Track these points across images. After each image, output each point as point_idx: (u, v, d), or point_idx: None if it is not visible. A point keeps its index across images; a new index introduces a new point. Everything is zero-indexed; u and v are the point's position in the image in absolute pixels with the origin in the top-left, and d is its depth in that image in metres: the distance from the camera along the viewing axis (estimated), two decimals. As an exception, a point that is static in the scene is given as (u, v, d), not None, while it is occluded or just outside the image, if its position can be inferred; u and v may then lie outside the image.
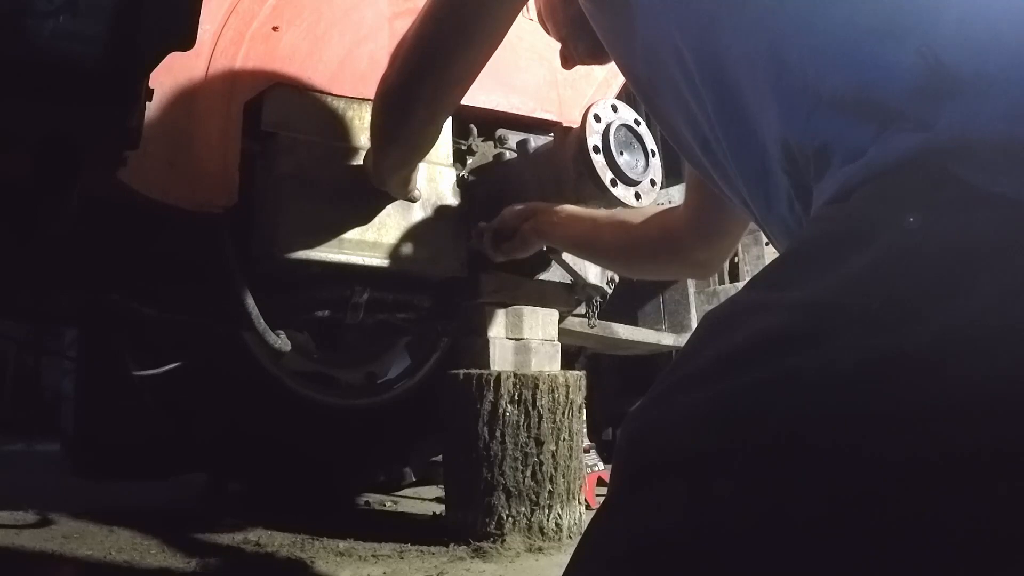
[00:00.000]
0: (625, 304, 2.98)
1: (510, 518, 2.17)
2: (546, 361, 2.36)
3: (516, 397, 2.19)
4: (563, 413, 2.23)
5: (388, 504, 3.15)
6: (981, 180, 0.62)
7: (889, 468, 0.59)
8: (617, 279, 2.58)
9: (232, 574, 2.00)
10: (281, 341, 2.10)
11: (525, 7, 1.34)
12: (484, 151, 2.33)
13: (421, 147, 1.77)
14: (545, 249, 2.25)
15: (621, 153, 1.99)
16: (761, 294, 0.73)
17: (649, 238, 1.60)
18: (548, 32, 1.43)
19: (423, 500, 3.21)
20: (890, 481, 0.59)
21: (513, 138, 2.32)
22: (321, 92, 2.05)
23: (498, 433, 2.18)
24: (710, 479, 0.63)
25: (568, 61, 1.42)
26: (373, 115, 1.69)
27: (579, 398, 2.30)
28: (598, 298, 2.57)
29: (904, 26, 0.69)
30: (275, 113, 1.98)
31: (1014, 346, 0.58)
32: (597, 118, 2.02)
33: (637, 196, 2.37)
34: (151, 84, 1.41)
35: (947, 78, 0.66)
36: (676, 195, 2.37)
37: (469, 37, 1.36)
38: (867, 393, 0.60)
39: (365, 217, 2.03)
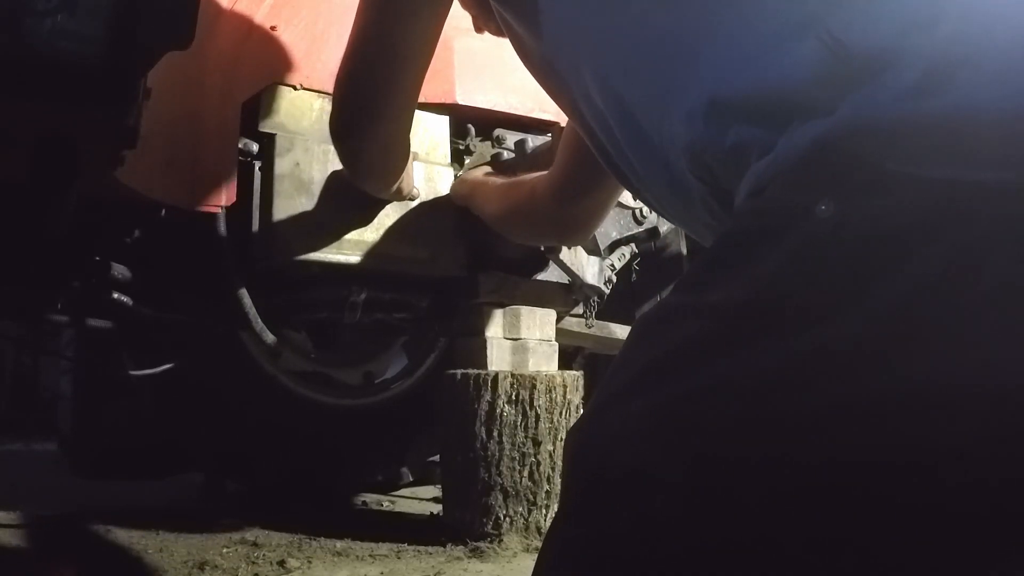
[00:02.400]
0: (623, 304, 2.98)
1: (507, 518, 2.17)
2: (544, 361, 2.36)
3: (513, 397, 2.19)
4: (560, 413, 2.23)
5: (385, 504, 3.15)
6: (889, 161, 0.60)
7: (817, 474, 0.58)
8: (615, 279, 2.58)
9: (229, 574, 2.00)
10: (278, 341, 2.10)
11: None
12: (482, 151, 2.33)
13: (390, 173, 1.78)
14: (542, 249, 2.26)
15: (619, 153, 1.99)
16: (685, 297, 0.72)
17: (522, 196, 1.63)
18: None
19: (420, 500, 3.21)
20: (821, 487, 0.58)
21: (511, 138, 2.32)
22: (319, 92, 2.05)
23: (495, 433, 2.18)
24: (651, 497, 0.63)
25: (480, 30, 1.42)
26: (336, 151, 1.70)
27: (576, 398, 2.30)
28: (595, 298, 2.57)
29: (804, 19, 0.68)
30: (272, 113, 1.98)
31: (932, 338, 0.57)
32: (595, 118, 2.02)
33: (635, 196, 2.36)
34: (149, 83, 1.41)
35: (850, 60, 0.64)
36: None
37: (399, 67, 1.36)
38: (788, 398, 0.60)
39: (363, 218, 2.03)
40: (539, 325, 2.37)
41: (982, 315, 0.57)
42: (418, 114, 2.12)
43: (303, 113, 2.03)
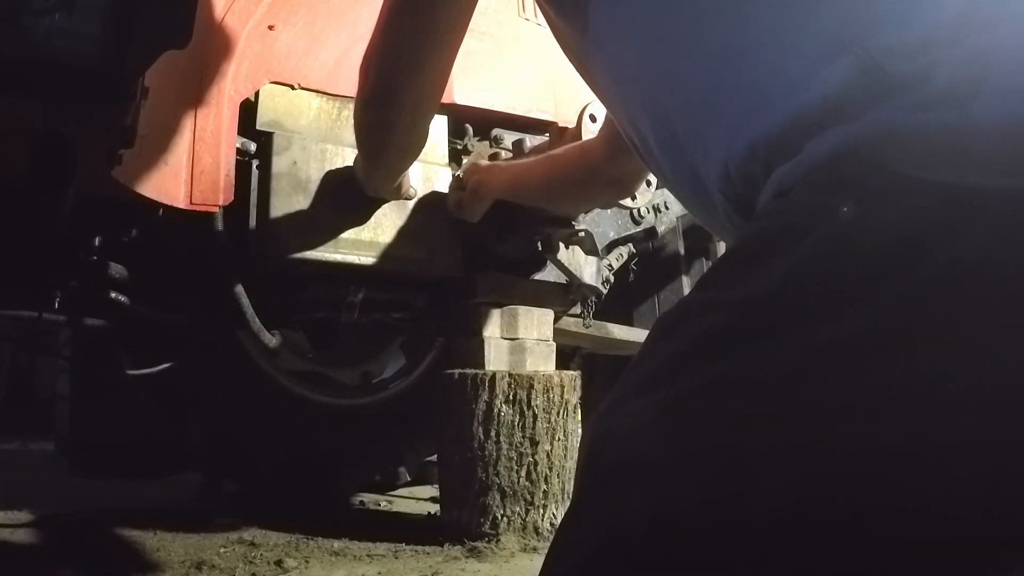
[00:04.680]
0: (620, 304, 2.98)
1: (505, 518, 2.17)
2: (541, 361, 2.36)
3: (511, 397, 2.18)
4: (558, 413, 2.23)
5: (383, 504, 3.15)
6: (911, 166, 0.62)
7: (830, 466, 0.60)
8: (612, 279, 2.58)
9: (226, 574, 2.00)
10: (275, 340, 2.10)
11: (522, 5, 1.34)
12: (480, 151, 2.33)
13: (410, 154, 1.77)
14: (540, 248, 2.26)
15: (616, 153, 1.99)
16: (707, 294, 0.74)
17: (571, 162, 1.64)
18: None
19: (418, 500, 3.21)
20: (834, 479, 0.59)
21: (509, 138, 2.32)
22: (316, 91, 2.05)
23: (493, 433, 2.18)
24: (664, 486, 0.64)
25: None
26: (357, 131, 1.67)
27: (574, 398, 2.30)
28: (593, 298, 2.57)
29: (841, 42, 0.70)
30: (270, 112, 1.99)
31: (946, 336, 0.59)
32: (593, 118, 2.02)
33: (632, 196, 2.37)
34: (146, 82, 1.41)
35: (880, 75, 0.67)
36: (671, 195, 2.39)
37: (435, 40, 1.36)
38: (803, 391, 0.61)
39: (361, 217, 2.03)
40: (536, 325, 2.37)
41: (997, 315, 0.58)
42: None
43: (301, 112, 2.03)
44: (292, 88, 2.02)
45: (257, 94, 1.98)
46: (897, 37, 0.68)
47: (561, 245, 2.29)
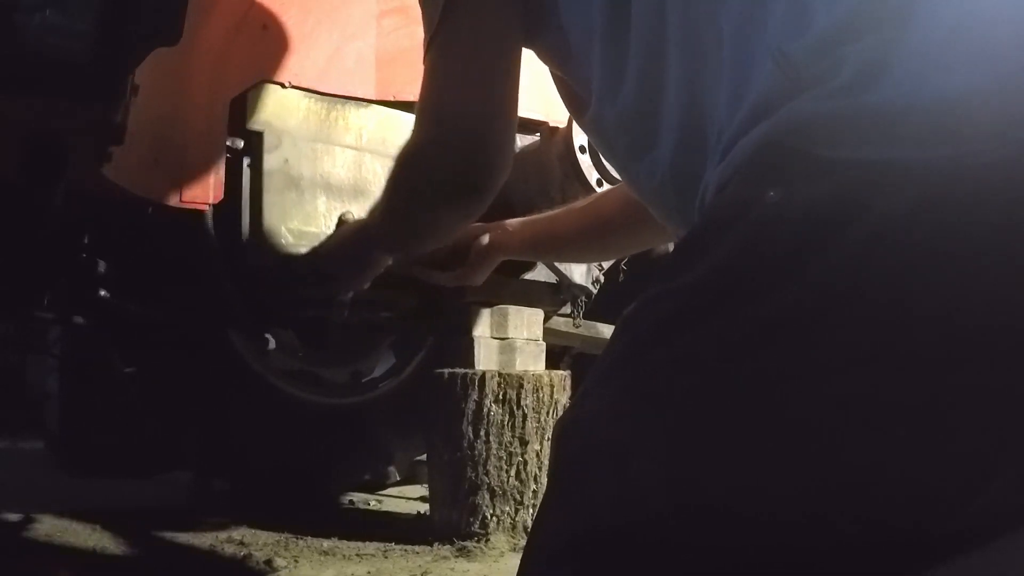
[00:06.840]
0: (611, 304, 2.99)
1: (494, 517, 2.18)
2: (531, 361, 2.37)
3: (501, 397, 2.19)
4: (548, 413, 2.24)
5: (372, 503, 3.15)
6: (823, 149, 0.67)
7: (772, 429, 0.63)
8: (603, 279, 2.59)
9: (216, 573, 2.00)
10: (266, 340, 2.10)
11: None
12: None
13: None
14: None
15: (607, 153, 1.99)
16: (657, 286, 0.77)
17: (611, 210, 1.58)
18: None
19: (408, 499, 3.21)
20: (780, 441, 0.63)
21: (500, 137, 2.32)
22: (306, 91, 2.05)
23: (483, 432, 2.18)
24: (626, 465, 0.68)
25: None
26: (458, 207, 1.28)
27: (563, 398, 2.30)
28: (583, 298, 2.58)
29: (768, 52, 0.75)
30: (260, 111, 1.98)
31: (867, 302, 0.63)
32: (584, 118, 2.02)
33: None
34: (136, 79, 1.41)
35: (795, 74, 0.72)
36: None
37: (516, 72, 1.30)
38: (742, 362, 0.65)
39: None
40: (526, 325, 2.38)
41: (913, 278, 0.62)
42: (406, 115, 2.12)
43: (290, 112, 2.03)
44: (283, 87, 2.02)
45: (246, 93, 1.97)
46: (809, 39, 0.73)
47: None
